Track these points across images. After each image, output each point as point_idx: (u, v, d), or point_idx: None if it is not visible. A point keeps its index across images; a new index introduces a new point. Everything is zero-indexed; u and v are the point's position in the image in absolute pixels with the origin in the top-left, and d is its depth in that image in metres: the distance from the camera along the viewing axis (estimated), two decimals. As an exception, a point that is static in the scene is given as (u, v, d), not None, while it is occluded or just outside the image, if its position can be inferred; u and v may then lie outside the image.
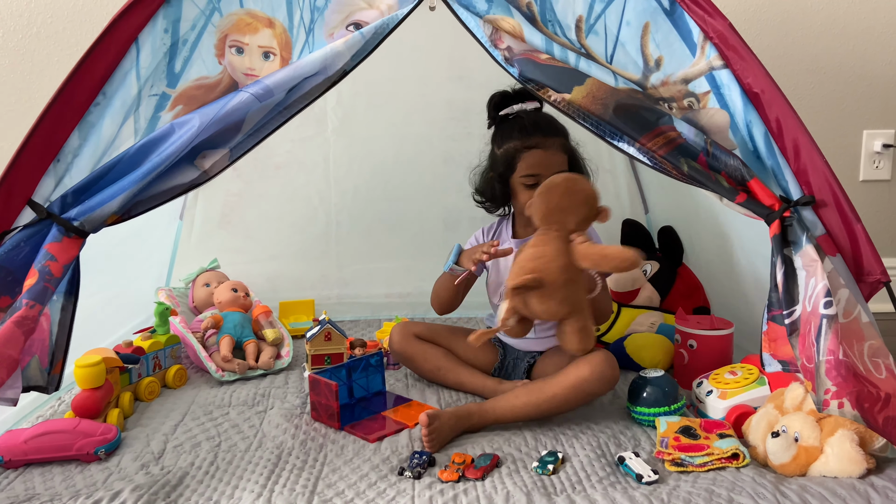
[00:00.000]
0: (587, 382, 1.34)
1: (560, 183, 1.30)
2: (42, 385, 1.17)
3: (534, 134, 1.47)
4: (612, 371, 1.36)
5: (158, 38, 1.15)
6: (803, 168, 1.15)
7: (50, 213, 1.12)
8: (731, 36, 1.17)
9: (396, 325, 1.65)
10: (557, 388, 1.35)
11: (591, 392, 1.35)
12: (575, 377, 1.35)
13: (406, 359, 1.62)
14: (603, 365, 1.35)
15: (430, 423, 1.27)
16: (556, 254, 1.27)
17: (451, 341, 1.61)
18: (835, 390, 1.03)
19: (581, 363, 1.36)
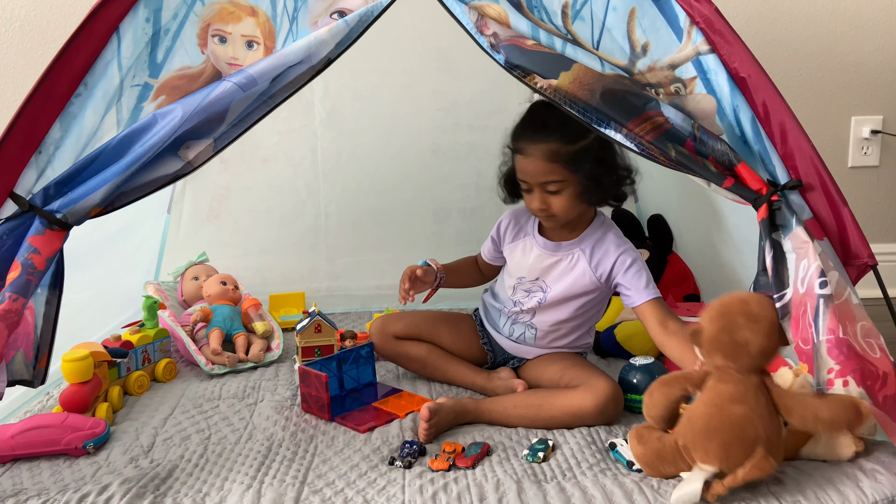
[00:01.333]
0: (588, 414, 1.30)
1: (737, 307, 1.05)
2: (27, 379, 1.16)
3: (521, 136, 1.38)
4: (616, 408, 1.32)
5: (140, 27, 1.14)
6: (790, 152, 1.15)
7: (32, 205, 1.11)
8: (717, 20, 1.16)
9: (374, 322, 1.61)
10: (557, 411, 1.31)
11: (589, 423, 1.31)
12: (578, 406, 1.30)
13: (389, 358, 1.60)
14: (608, 401, 1.30)
15: (430, 417, 1.26)
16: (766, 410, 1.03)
17: (435, 335, 1.56)
18: (838, 369, 1.02)
19: (587, 393, 1.31)
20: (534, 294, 1.47)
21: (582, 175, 1.35)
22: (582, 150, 1.33)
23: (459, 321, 1.60)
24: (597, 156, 1.34)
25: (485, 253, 1.61)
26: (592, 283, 1.43)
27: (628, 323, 1.74)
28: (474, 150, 2.21)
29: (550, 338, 1.50)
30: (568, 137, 1.33)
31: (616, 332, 1.71)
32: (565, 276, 1.44)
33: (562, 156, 1.33)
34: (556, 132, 1.34)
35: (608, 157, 1.37)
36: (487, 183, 2.22)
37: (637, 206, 2.21)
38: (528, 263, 1.48)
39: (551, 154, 1.34)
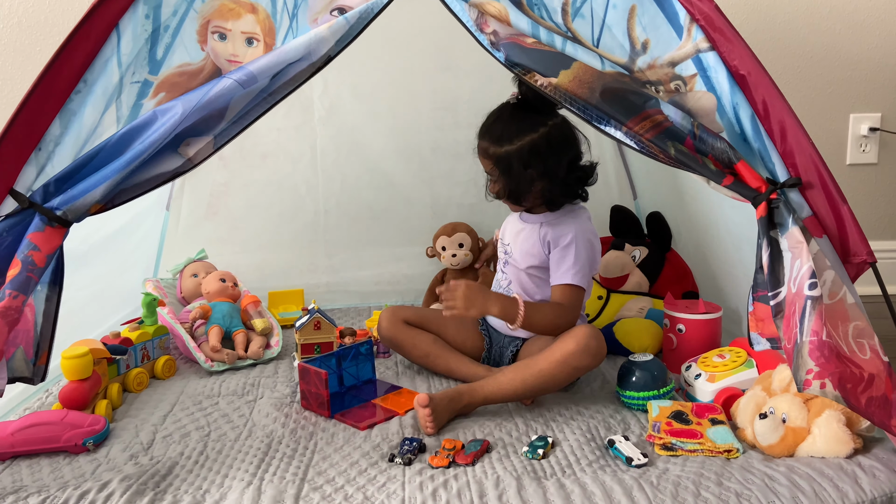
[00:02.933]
0: (573, 356, 1.34)
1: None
2: (27, 376, 1.15)
3: (479, 133, 1.50)
4: (598, 343, 1.36)
5: (139, 24, 1.14)
6: (790, 150, 1.15)
7: (32, 202, 1.10)
8: (717, 18, 1.16)
9: (385, 310, 1.65)
10: (544, 363, 1.35)
11: (577, 365, 1.35)
12: (560, 352, 1.35)
13: (395, 345, 1.61)
14: (588, 338, 1.35)
15: (428, 403, 1.27)
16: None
17: (441, 327, 1.61)
18: (817, 370, 1.04)
19: (566, 338, 1.37)
20: (504, 254, 1.60)
21: (504, 178, 1.47)
22: (504, 155, 1.44)
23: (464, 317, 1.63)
24: (514, 166, 1.44)
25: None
26: (540, 254, 1.51)
27: (627, 320, 1.75)
28: (473, 147, 2.19)
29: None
30: (496, 140, 1.45)
31: (615, 330, 1.71)
32: (524, 242, 1.54)
33: (489, 155, 1.47)
34: (489, 133, 1.47)
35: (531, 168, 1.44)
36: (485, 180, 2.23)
37: (636, 204, 2.21)
38: (508, 229, 1.61)
39: (482, 151, 1.49)
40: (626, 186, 2.23)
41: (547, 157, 1.43)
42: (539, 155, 1.43)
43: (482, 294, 1.40)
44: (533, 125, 1.43)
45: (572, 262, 1.46)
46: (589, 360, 1.36)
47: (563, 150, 1.45)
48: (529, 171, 1.44)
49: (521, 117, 1.44)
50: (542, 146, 1.43)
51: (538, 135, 1.43)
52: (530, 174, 1.44)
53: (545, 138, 1.43)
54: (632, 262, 1.97)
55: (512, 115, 1.45)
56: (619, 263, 1.96)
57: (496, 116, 1.48)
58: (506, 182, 1.47)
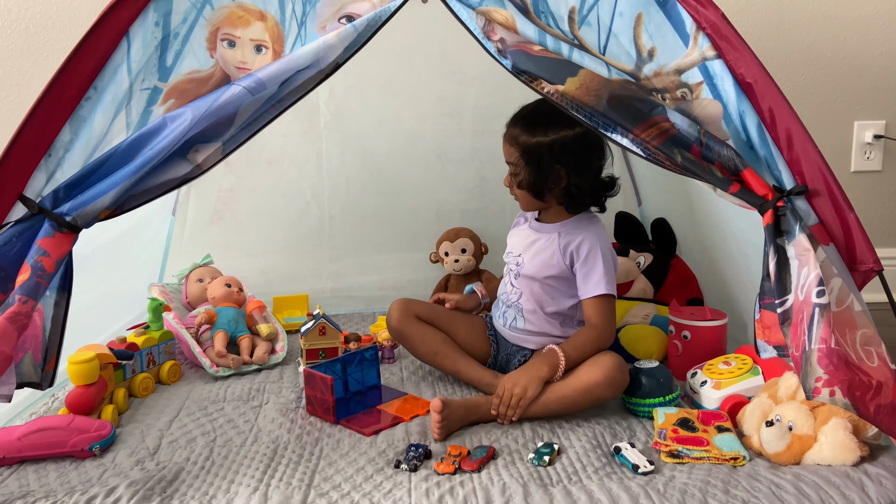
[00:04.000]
0: (598, 387, 1.34)
1: None
2: (36, 381, 1.16)
3: (509, 121, 1.48)
4: (623, 377, 1.36)
5: (149, 31, 1.14)
6: (796, 158, 1.15)
7: (42, 208, 1.11)
8: (723, 26, 1.17)
9: (396, 301, 1.62)
10: (567, 389, 1.35)
11: (601, 396, 1.35)
12: (586, 381, 1.34)
13: (403, 338, 1.59)
14: (614, 370, 1.34)
15: (442, 409, 1.27)
16: None
17: (451, 325, 1.59)
18: (826, 378, 1.04)
19: (593, 367, 1.36)
20: (515, 266, 1.55)
21: (529, 168, 1.44)
22: (534, 146, 1.42)
23: (474, 319, 1.66)
24: (544, 158, 1.42)
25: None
26: (559, 264, 1.48)
27: (632, 326, 1.74)
28: (478, 153, 2.21)
29: (537, 325, 1.52)
30: (530, 130, 1.43)
31: (620, 336, 1.71)
32: (540, 253, 1.51)
33: (519, 143, 1.44)
34: (524, 121, 1.45)
35: (559, 164, 1.43)
36: (490, 186, 2.24)
37: (640, 210, 2.21)
38: (518, 241, 1.57)
39: (512, 138, 1.46)
40: (630, 192, 2.24)
41: (578, 156, 1.43)
42: (571, 153, 1.42)
43: (525, 377, 1.36)
44: (570, 123, 1.40)
45: (602, 273, 1.44)
46: (612, 392, 1.36)
47: (595, 154, 1.45)
48: (557, 166, 1.42)
49: (560, 113, 1.35)
50: (576, 145, 1.41)
51: (574, 133, 1.41)
52: (558, 170, 1.43)
53: (580, 138, 1.42)
54: (636, 269, 1.97)
55: (552, 109, 1.38)
56: (623, 270, 1.96)
57: (534, 107, 1.45)
58: (531, 173, 1.44)
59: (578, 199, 1.47)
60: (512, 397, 1.33)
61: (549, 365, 1.37)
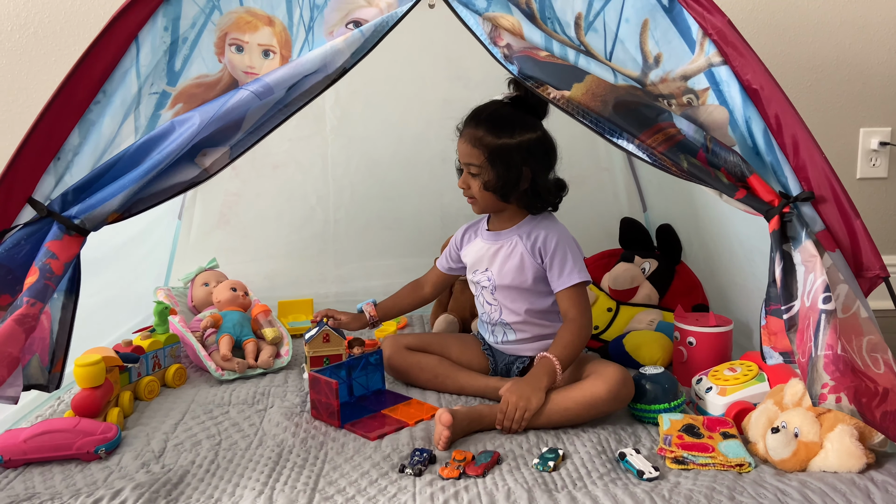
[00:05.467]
0: (602, 402, 1.33)
1: None
2: (43, 384, 1.16)
3: (465, 121, 1.48)
4: (628, 391, 1.36)
5: (158, 36, 1.15)
6: (802, 164, 1.15)
7: (50, 211, 1.12)
8: (729, 32, 1.17)
9: (386, 339, 1.65)
10: (571, 402, 1.34)
11: (605, 410, 1.34)
12: (591, 394, 1.34)
13: (401, 372, 1.59)
14: (618, 384, 1.34)
15: (451, 423, 1.26)
16: None
17: (444, 349, 1.60)
18: (832, 384, 1.04)
19: (598, 381, 1.35)
20: (486, 282, 1.54)
21: (495, 169, 1.43)
22: (501, 147, 1.42)
23: (465, 337, 1.67)
24: (512, 160, 1.42)
25: (442, 265, 1.69)
26: (532, 265, 1.49)
27: (637, 332, 1.74)
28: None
29: (529, 332, 1.52)
30: (495, 131, 1.43)
31: (625, 342, 1.71)
32: (507, 260, 1.51)
33: (483, 144, 1.43)
34: (487, 123, 1.44)
35: (525, 166, 1.44)
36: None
37: (646, 216, 2.21)
38: (478, 255, 1.56)
39: (475, 139, 1.44)
40: (635, 198, 2.24)
41: (542, 158, 1.45)
42: (535, 154, 1.44)
43: (528, 389, 1.34)
44: (532, 125, 1.44)
45: (572, 263, 1.46)
46: (616, 406, 1.36)
47: (553, 156, 1.48)
48: (525, 168, 1.44)
49: (521, 116, 1.44)
50: (540, 147, 1.44)
51: (536, 135, 1.44)
52: (525, 172, 1.44)
53: (542, 140, 1.45)
54: (641, 275, 1.97)
55: (512, 112, 1.44)
56: (628, 276, 1.96)
57: (493, 109, 1.46)
58: (498, 174, 1.44)
59: (541, 199, 1.49)
60: (517, 411, 1.33)
61: (547, 374, 1.37)
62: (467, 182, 1.49)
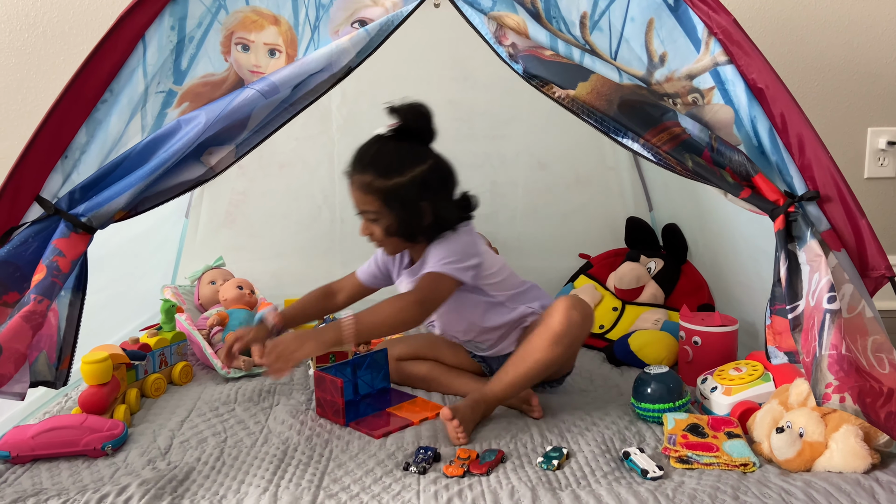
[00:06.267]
0: (562, 335, 1.32)
1: None
2: (50, 380, 1.17)
3: (350, 165, 1.37)
4: (580, 311, 1.34)
5: (165, 35, 1.16)
6: (808, 163, 1.15)
7: (58, 209, 1.13)
8: (735, 31, 1.17)
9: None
10: (539, 353, 1.34)
11: (571, 341, 1.33)
12: (549, 336, 1.33)
13: (395, 381, 1.59)
14: (567, 311, 1.33)
15: (453, 415, 1.27)
16: None
17: (436, 353, 1.59)
18: (836, 384, 1.03)
19: (547, 320, 1.34)
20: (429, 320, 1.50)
21: (393, 213, 1.35)
22: (394, 189, 1.33)
23: (455, 344, 1.62)
24: (408, 199, 1.33)
25: (366, 278, 1.59)
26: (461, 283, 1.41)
27: (642, 332, 1.74)
28: (489, 158, 2.22)
29: (492, 335, 1.50)
30: (384, 173, 1.33)
31: (630, 341, 1.71)
32: None
33: (375, 189, 1.34)
34: (374, 165, 1.34)
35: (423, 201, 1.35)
36: (501, 190, 2.25)
37: (651, 216, 2.21)
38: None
39: (365, 186, 1.35)
40: (641, 198, 2.24)
41: (438, 187, 1.36)
42: (431, 186, 1.35)
43: (295, 341, 1.28)
44: (421, 155, 1.36)
45: (442, 255, 1.36)
46: (579, 330, 1.34)
47: (451, 181, 1.39)
48: (423, 203, 1.35)
49: (406, 148, 1.35)
50: (434, 177, 1.35)
51: (428, 165, 1.35)
52: (423, 207, 1.35)
53: (435, 169, 1.36)
54: (647, 274, 1.97)
55: (397, 147, 1.34)
56: (634, 275, 1.96)
57: (377, 149, 1.35)
58: (398, 217, 1.35)
59: (448, 226, 1.40)
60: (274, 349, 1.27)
61: (333, 328, 1.29)
62: (369, 229, 1.39)
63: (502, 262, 1.50)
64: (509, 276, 1.50)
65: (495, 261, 1.48)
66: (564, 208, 2.25)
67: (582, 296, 1.94)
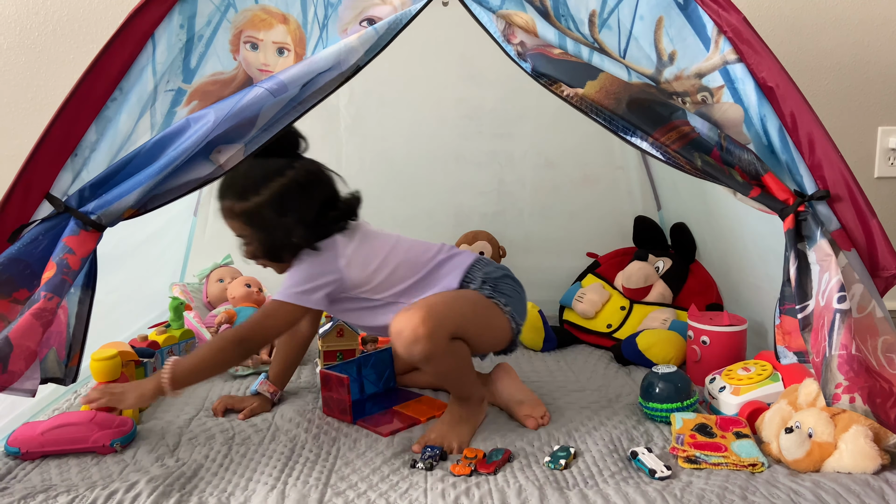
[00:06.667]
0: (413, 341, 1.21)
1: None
2: (59, 377, 1.18)
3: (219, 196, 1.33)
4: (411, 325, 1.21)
5: (174, 33, 1.16)
6: (818, 162, 1.14)
7: (68, 206, 1.13)
8: (745, 30, 1.16)
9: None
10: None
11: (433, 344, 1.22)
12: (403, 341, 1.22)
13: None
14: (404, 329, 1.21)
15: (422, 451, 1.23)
16: None
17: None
18: (846, 384, 1.03)
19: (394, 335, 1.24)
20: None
21: (258, 235, 1.32)
22: (252, 211, 1.29)
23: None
24: (267, 219, 1.29)
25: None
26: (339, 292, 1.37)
27: (650, 331, 1.74)
28: (496, 156, 2.22)
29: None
30: (241, 196, 1.29)
31: (637, 341, 1.70)
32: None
33: (236, 213, 1.31)
34: (231, 189, 1.31)
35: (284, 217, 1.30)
36: (509, 189, 2.24)
37: (660, 215, 2.20)
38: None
39: (229, 212, 1.33)
40: (649, 197, 2.23)
41: (301, 198, 1.29)
42: (292, 198, 1.29)
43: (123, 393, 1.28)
44: (278, 169, 1.30)
45: (289, 281, 1.33)
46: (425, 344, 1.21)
47: (317, 188, 1.32)
48: (285, 219, 1.29)
49: (262, 164, 1.29)
50: (293, 189, 1.29)
51: (287, 178, 1.29)
52: (286, 223, 1.30)
53: (295, 180, 1.30)
54: (655, 274, 1.97)
55: (252, 165, 1.25)
56: (642, 274, 1.95)
57: (232, 173, 1.24)
58: (263, 238, 1.32)
59: (322, 236, 1.34)
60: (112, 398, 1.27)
61: (155, 380, 1.28)
62: (251, 253, 1.37)
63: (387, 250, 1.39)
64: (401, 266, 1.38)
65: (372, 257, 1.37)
66: (572, 207, 2.24)
67: (590, 294, 1.94)
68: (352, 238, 1.37)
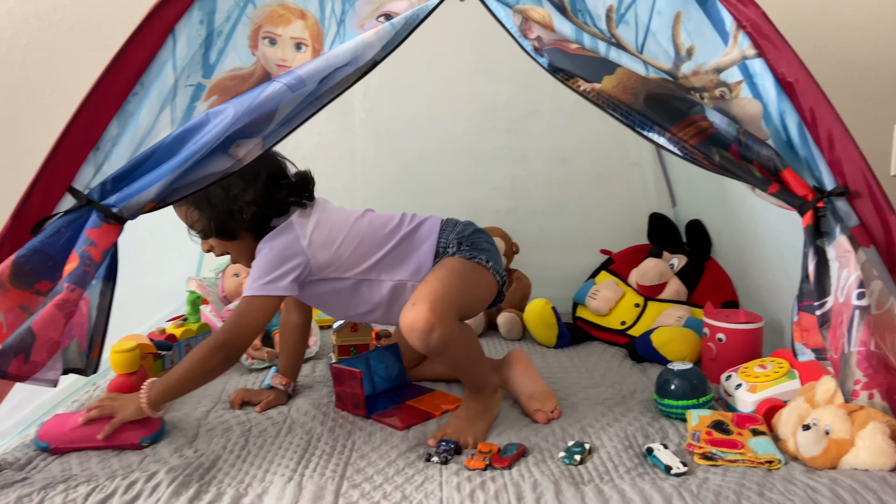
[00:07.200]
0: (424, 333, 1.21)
1: None
2: (81, 367, 1.19)
3: None
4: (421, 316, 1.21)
5: (194, 29, 1.17)
6: (837, 158, 1.13)
7: (90, 199, 1.14)
8: (764, 25, 1.16)
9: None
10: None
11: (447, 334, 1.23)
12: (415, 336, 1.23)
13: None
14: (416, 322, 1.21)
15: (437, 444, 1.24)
16: None
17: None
18: (865, 381, 1.03)
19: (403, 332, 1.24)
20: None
21: (203, 212, 1.32)
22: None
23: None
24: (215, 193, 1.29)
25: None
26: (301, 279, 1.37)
27: (664, 328, 1.73)
28: (511, 152, 2.22)
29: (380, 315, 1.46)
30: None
31: (652, 338, 1.70)
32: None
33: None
34: None
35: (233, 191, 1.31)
36: (522, 185, 2.24)
37: (675, 212, 2.20)
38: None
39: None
40: (664, 193, 2.22)
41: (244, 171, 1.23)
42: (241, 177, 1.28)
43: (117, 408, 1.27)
44: None
45: (255, 275, 1.31)
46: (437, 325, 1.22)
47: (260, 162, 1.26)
48: (232, 193, 1.31)
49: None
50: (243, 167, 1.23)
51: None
52: (233, 197, 1.31)
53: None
54: (670, 271, 1.96)
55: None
56: (657, 271, 1.95)
57: None
58: (210, 216, 1.32)
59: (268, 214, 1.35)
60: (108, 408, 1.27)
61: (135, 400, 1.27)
62: (207, 245, 1.38)
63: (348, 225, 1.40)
64: (365, 239, 1.39)
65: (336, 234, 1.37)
66: (586, 203, 2.25)
67: (604, 291, 1.94)
68: (309, 217, 1.38)
